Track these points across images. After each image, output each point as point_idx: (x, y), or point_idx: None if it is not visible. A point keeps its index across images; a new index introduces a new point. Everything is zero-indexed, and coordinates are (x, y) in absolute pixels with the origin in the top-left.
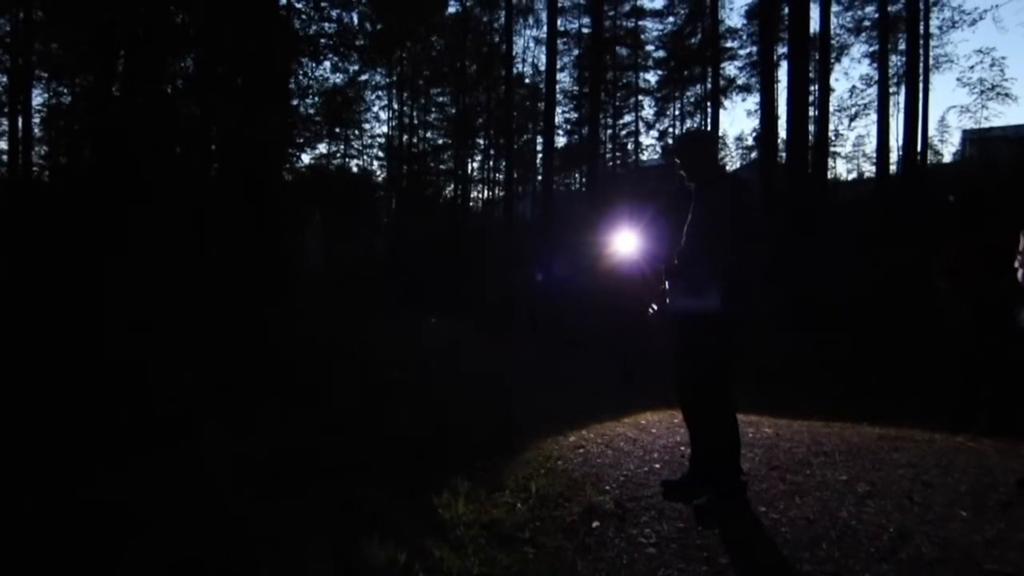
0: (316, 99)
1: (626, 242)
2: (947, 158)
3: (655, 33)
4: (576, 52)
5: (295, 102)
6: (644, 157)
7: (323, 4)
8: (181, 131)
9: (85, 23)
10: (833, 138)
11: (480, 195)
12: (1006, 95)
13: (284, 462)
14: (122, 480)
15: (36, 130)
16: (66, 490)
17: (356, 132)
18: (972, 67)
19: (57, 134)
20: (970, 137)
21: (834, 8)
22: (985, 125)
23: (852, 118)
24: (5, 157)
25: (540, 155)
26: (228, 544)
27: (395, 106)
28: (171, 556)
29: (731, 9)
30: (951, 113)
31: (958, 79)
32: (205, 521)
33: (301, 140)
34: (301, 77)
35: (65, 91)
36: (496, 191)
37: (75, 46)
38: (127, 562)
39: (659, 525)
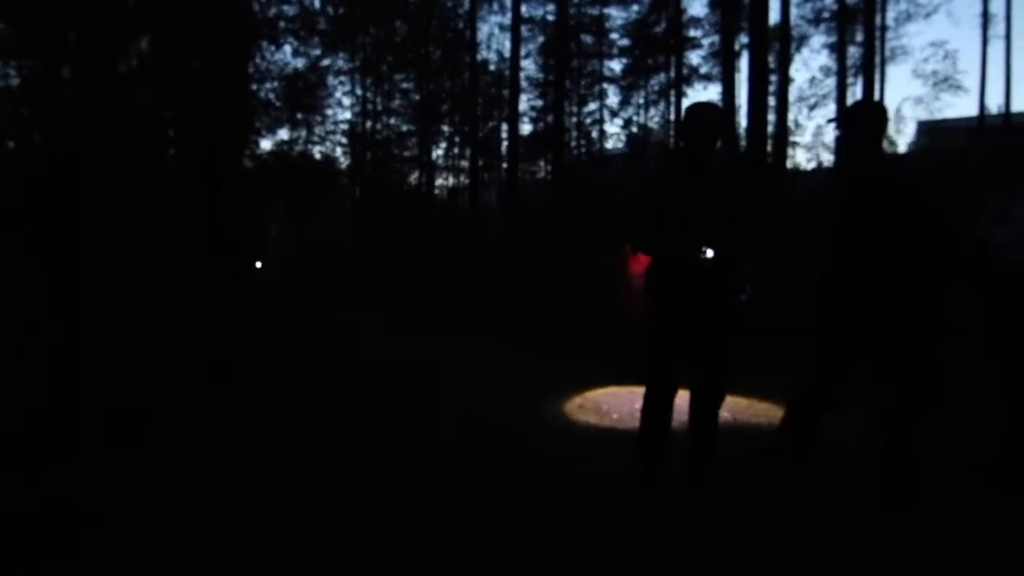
0: (276, 83)
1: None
2: (902, 148)
3: (620, 21)
4: (541, 39)
5: (254, 86)
6: (609, 145)
7: None
8: (136, 115)
9: (33, 2)
10: (793, 128)
11: (445, 182)
12: (958, 87)
13: (249, 457)
14: (79, 479)
15: None
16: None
17: (318, 118)
18: (926, 59)
19: (4, 119)
20: (924, 128)
21: None
22: (938, 116)
23: (812, 108)
24: None
25: (505, 142)
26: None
27: (358, 92)
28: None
29: None
30: (906, 104)
31: (913, 71)
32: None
33: (260, 125)
34: (260, 61)
35: (12, 73)
36: (461, 178)
37: (23, 26)
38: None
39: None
